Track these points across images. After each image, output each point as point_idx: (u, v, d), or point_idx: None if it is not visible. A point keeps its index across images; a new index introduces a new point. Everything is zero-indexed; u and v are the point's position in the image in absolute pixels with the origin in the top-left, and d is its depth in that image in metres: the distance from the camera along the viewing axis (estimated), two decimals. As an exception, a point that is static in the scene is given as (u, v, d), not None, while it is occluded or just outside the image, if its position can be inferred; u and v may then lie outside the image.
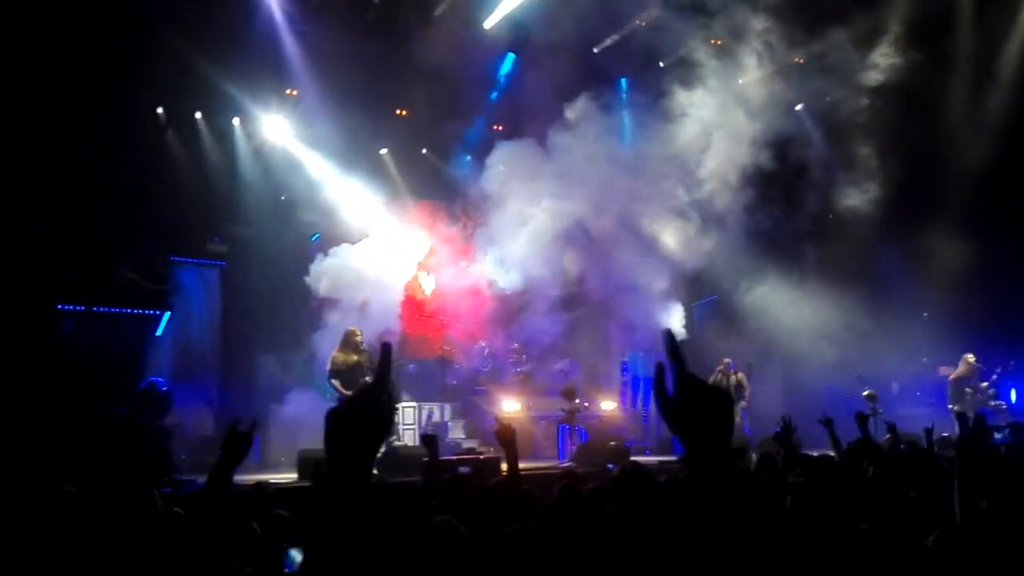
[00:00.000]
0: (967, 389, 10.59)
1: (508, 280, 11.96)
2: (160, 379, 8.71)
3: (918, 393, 12.38)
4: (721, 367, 11.49)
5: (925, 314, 12.81)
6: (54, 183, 8.72)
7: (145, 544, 2.74)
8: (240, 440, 2.44)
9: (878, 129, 12.22)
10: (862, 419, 4.86)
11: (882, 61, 11.73)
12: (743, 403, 11.38)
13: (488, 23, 11.92)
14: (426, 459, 3.80)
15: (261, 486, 4.84)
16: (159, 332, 9.07)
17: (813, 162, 13.39)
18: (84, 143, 9.04)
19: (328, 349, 8.95)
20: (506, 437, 3.45)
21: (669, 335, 1.67)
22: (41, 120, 8.56)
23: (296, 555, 3.16)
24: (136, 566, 2.63)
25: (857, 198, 12.68)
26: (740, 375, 11.60)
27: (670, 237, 13.07)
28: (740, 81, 12.40)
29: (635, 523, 2.74)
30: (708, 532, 1.62)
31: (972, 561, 2.52)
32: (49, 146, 8.69)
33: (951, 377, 10.94)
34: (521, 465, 3.62)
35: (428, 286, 12.77)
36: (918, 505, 3.31)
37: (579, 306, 12.89)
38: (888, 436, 4.75)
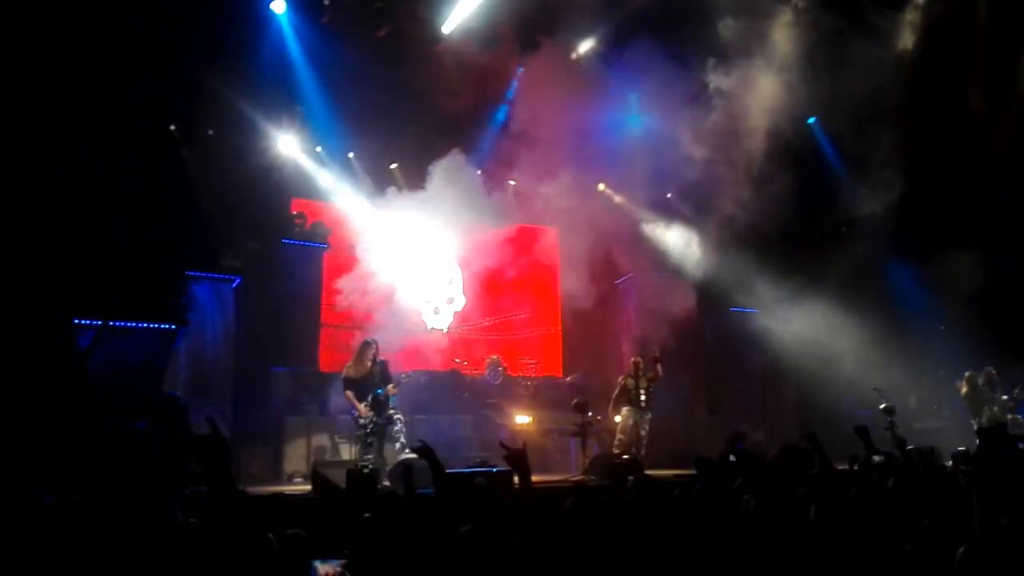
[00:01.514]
0: (987, 407, 10.55)
1: None
2: (176, 392, 8.80)
3: (934, 407, 12.26)
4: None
5: (941, 327, 12.70)
6: (71, 201, 8.86)
7: (157, 552, 2.75)
8: (208, 446, 2.43)
9: (894, 140, 12.19)
10: (863, 432, 4.91)
11: (898, 70, 11.73)
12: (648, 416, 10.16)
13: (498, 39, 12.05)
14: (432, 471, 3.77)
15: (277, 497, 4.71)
16: (175, 346, 9.15)
17: (827, 174, 13.40)
18: (100, 163, 9.19)
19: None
20: (518, 459, 3.41)
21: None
22: (56, 138, 8.72)
23: (320, 566, 3.15)
24: (149, 572, 2.64)
25: (873, 209, 12.66)
26: (628, 379, 10.32)
27: (684, 250, 13.12)
28: (755, 92, 12.45)
29: (644, 533, 2.76)
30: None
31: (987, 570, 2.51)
32: (65, 166, 8.84)
33: (962, 395, 10.94)
34: (533, 478, 3.62)
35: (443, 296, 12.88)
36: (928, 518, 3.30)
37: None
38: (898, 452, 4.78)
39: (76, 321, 8.41)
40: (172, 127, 10.61)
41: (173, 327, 9.21)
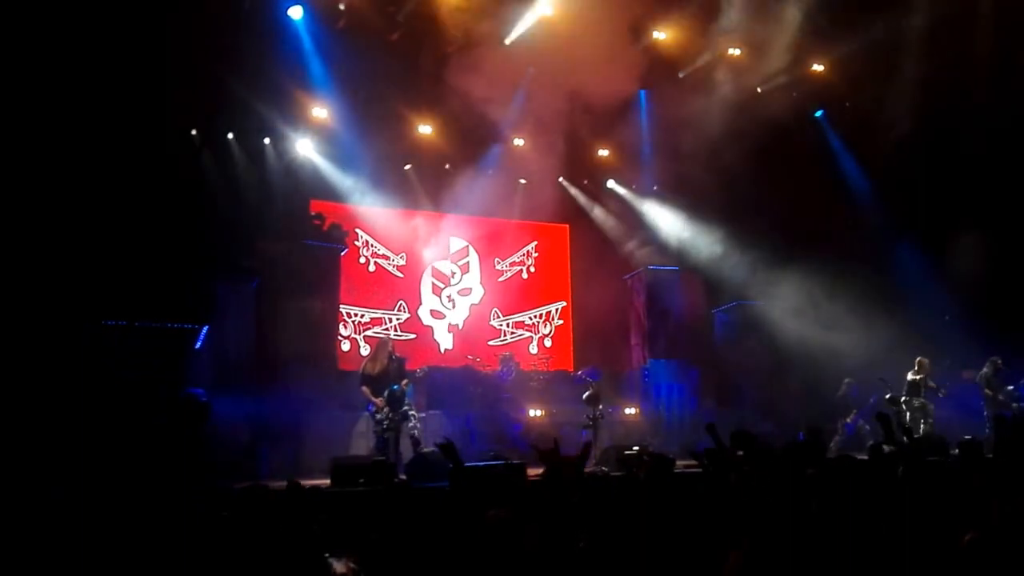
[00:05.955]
0: (987, 391, 10.68)
1: None
2: (199, 390, 9.09)
3: (940, 395, 12.30)
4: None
5: (947, 316, 12.75)
6: (92, 203, 9.17)
7: (173, 548, 2.93)
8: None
9: (898, 124, 12.20)
10: (884, 420, 4.99)
11: (902, 56, 11.70)
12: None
13: (508, 39, 12.19)
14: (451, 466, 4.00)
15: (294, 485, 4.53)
16: (198, 345, 9.43)
17: (831, 162, 13.45)
18: (121, 166, 9.49)
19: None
20: (552, 458, 3.54)
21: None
22: (77, 143, 9.02)
23: (335, 562, 3.33)
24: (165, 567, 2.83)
25: (878, 195, 12.71)
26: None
27: (691, 244, 13.27)
28: (759, 89, 12.53)
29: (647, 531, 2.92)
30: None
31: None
32: (84, 168, 9.15)
33: (982, 379, 10.98)
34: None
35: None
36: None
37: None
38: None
39: (104, 322, 8.74)
40: (193, 131, 10.92)
41: (195, 327, 9.52)
